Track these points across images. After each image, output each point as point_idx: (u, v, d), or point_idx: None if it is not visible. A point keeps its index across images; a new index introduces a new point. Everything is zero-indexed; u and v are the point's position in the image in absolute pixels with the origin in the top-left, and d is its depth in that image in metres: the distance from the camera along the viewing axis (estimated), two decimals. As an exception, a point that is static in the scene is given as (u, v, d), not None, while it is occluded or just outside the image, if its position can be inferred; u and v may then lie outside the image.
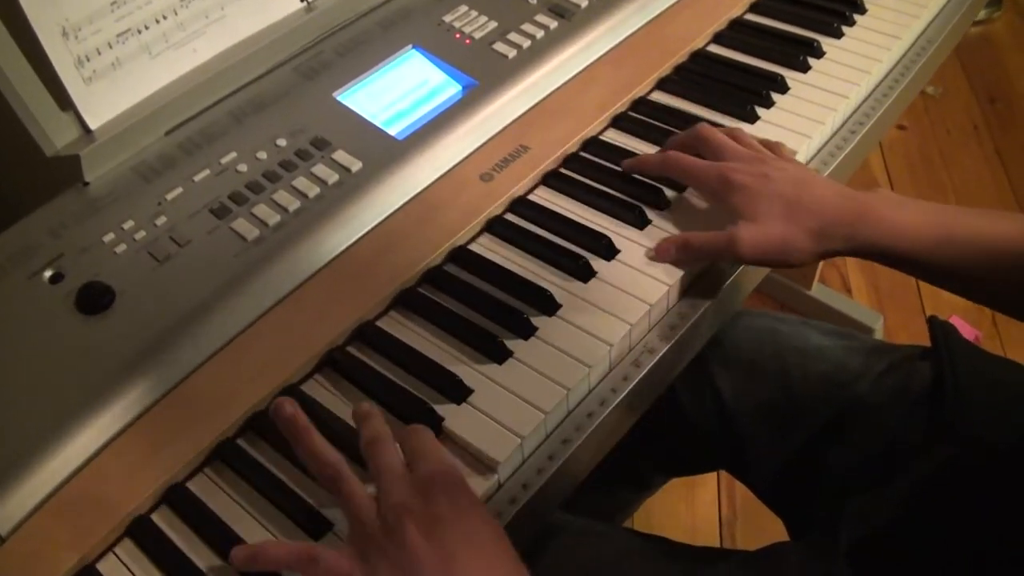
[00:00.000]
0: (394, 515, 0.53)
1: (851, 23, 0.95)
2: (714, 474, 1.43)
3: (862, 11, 0.96)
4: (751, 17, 0.98)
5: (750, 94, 0.87)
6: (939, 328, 0.79)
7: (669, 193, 0.78)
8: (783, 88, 0.88)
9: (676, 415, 0.89)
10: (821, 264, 1.63)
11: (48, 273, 0.70)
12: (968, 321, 1.69)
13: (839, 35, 0.93)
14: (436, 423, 0.63)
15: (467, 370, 0.67)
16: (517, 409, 0.64)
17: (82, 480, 0.62)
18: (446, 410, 0.64)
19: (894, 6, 0.97)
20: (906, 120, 2.09)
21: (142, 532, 0.61)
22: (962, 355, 0.77)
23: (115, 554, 0.60)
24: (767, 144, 0.76)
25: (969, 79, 2.19)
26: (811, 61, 0.90)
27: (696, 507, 1.49)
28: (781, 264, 0.71)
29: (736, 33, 0.96)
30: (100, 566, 0.60)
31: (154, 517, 0.62)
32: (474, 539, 0.53)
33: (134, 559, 0.60)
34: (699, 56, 0.93)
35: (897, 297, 1.75)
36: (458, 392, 0.65)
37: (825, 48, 0.92)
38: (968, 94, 2.16)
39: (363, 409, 0.61)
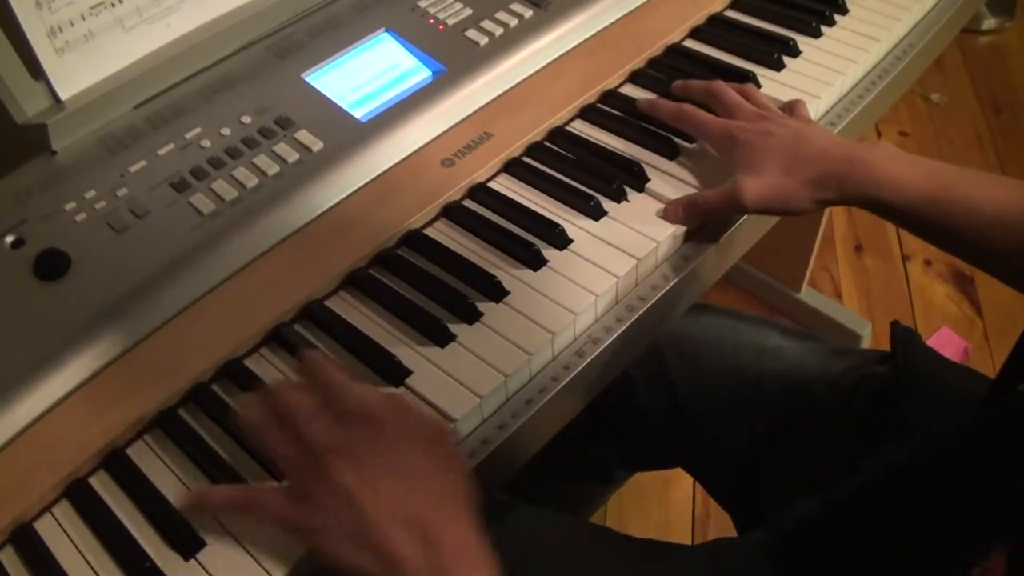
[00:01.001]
0: (316, 452, 0.54)
1: (831, 23, 0.95)
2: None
3: (843, 11, 0.96)
4: (731, 13, 0.98)
5: (720, 91, 0.87)
6: (900, 332, 0.80)
7: (628, 188, 0.79)
8: (755, 85, 0.88)
9: (633, 408, 0.90)
10: (811, 267, 1.63)
11: (10, 239, 0.72)
12: (959, 333, 1.68)
13: (817, 35, 0.93)
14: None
15: (409, 352, 0.68)
16: (454, 392, 0.65)
17: (23, 441, 0.63)
18: (384, 391, 0.65)
19: (877, 8, 0.97)
20: (909, 126, 2.08)
21: (80, 494, 0.62)
22: (919, 359, 0.77)
23: (52, 514, 0.62)
24: (787, 103, 0.79)
25: (976, 88, 2.18)
26: (786, 60, 0.90)
27: (670, 505, 1.50)
28: (782, 212, 0.74)
29: (713, 28, 0.96)
30: (37, 525, 0.61)
31: (92, 480, 0.63)
32: (399, 464, 0.54)
33: (70, 521, 0.61)
34: (673, 51, 0.93)
35: (888, 304, 1.74)
36: (397, 373, 0.66)
37: (802, 47, 0.92)
38: (974, 103, 2.14)
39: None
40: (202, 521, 0.59)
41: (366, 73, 0.86)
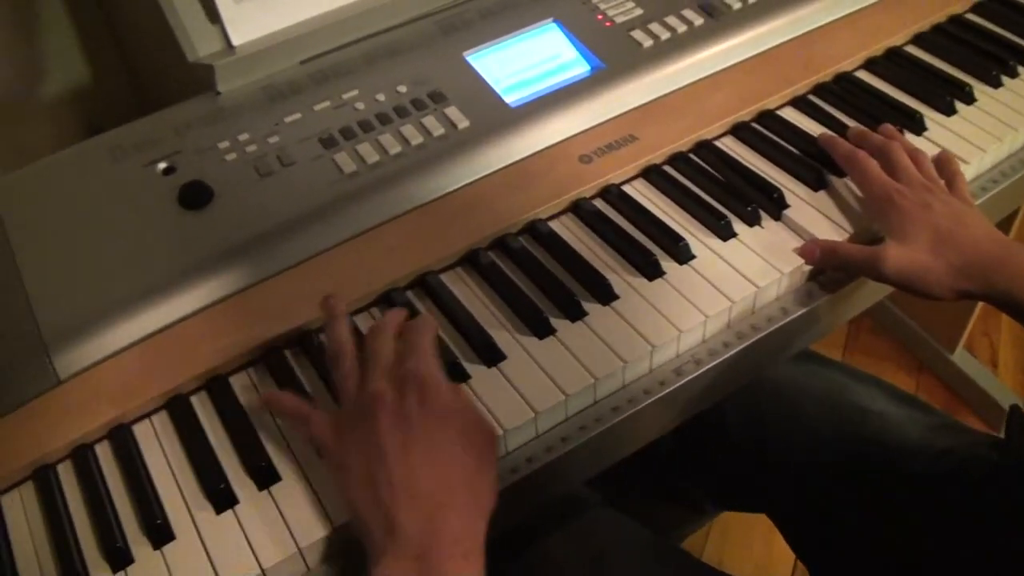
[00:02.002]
0: (369, 399, 0.57)
1: (1014, 74, 0.89)
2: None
3: (1032, 65, 0.90)
4: (910, 49, 0.93)
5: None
6: (1018, 419, 0.74)
7: (764, 214, 0.76)
8: (920, 128, 0.84)
9: (722, 444, 0.88)
10: (970, 329, 1.53)
11: (162, 165, 0.77)
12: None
13: (997, 84, 0.88)
14: (463, 378, 0.66)
15: (507, 337, 0.68)
16: (542, 385, 0.65)
17: (142, 349, 0.68)
18: (475, 370, 0.66)
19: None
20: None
21: (179, 409, 0.66)
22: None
23: (151, 422, 0.66)
24: (947, 170, 0.76)
25: None
26: (959, 105, 0.86)
27: (774, 546, 1.45)
28: (919, 292, 0.70)
29: (890, 62, 0.92)
30: (136, 428, 0.66)
31: (192, 399, 0.67)
32: (435, 443, 0.56)
33: (165, 431, 0.66)
34: (844, 79, 0.90)
35: (1046, 384, 1.63)
36: (492, 355, 0.67)
37: (978, 95, 0.87)
38: None
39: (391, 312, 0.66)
40: (282, 459, 0.62)
41: (526, 60, 0.87)
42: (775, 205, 0.77)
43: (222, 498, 0.61)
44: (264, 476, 0.62)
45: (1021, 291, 0.66)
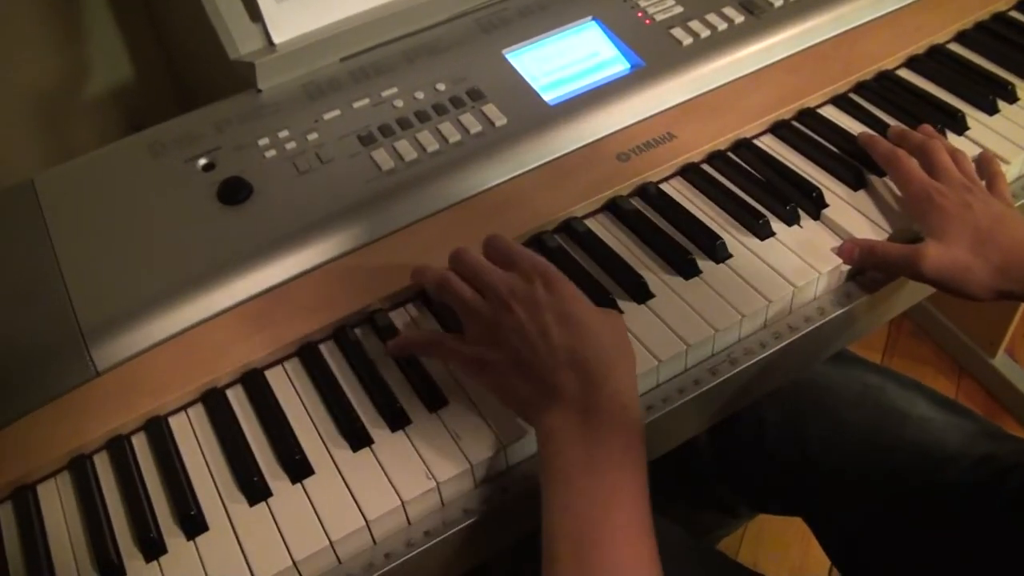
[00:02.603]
0: (501, 299, 0.61)
1: (1063, 75, 0.87)
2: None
3: (1081, 66, 0.88)
4: (954, 47, 0.92)
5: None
6: None
7: (803, 213, 0.76)
8: (962, 127, 0.82)
9: (760, 448, 0.87)
10: (1011, 332, 1.51)
11: (202, 161, 0.78)
12: None
13: (1046, 84, 0.86)
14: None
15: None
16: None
17: (179, 343, 0.69)
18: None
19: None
20: None
21: (214, 402, 0.67)
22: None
23: (187, 414, 0.67)
24: (988, 171, 0.76)
25: None
26: (1001, 104, 0.84)
27: (810, 549, 1.43)
28: (958, 291, 0.70)
29: (932, 60, 0.90)
30: (171, 420, 0.67)
31: (228, 392, 0.68)
32: (571, 316, 0.60)
33: (200, 424, 0.66)
34: (885, 77, 0.88)
35: (1092, 390, 1.59)
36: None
37: (1020, 94, 0.85)
38: None
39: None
40: (316, 452, 0.63)
41: (565, 58, 0.87)
42: (814, 204, 0.76)
43: (256, 490, 0.61)
44: (298, 470, 0.62)
45: None
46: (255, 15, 0.82)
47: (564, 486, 0.55)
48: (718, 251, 0.73)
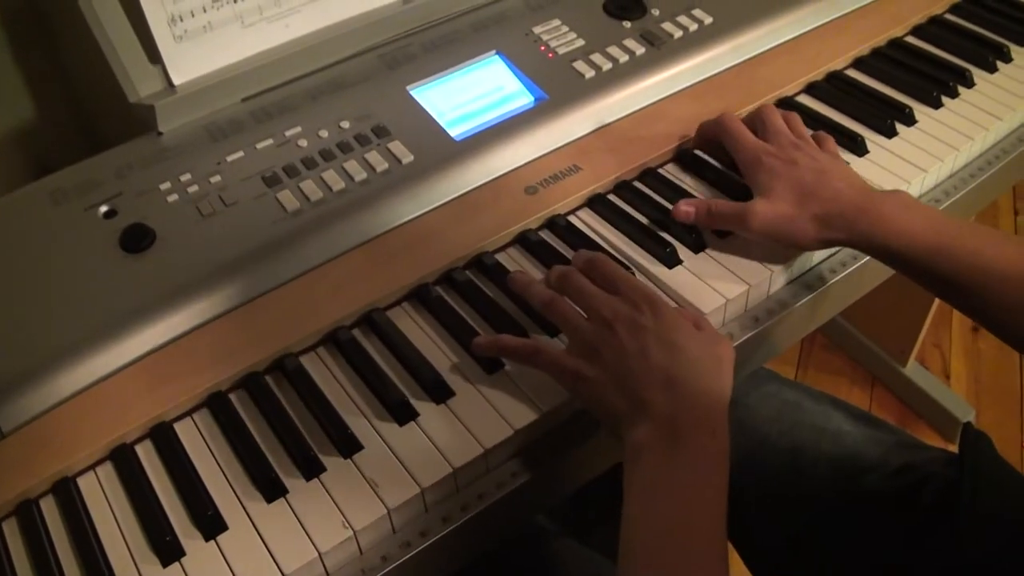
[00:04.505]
0: (607, 321, 0.63)
1: (954, 95, 0.91)
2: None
3: (969, 84, 0.92)
4: (851, 73, 0.95)
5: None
6: (971, 436, 0.75)
7: (709, 238, 0.77)
8: (862, 150, 0.85)
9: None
10: (921, 342, 1.56)
11: (104, 208, 0.76)
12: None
13: (937, 105, 0.90)
14: (412, 416, 0.65)
15: (456, 373, 0.68)
16: (491, 420, 0.65)
17: (85, 399, 0.66)
18: (424, 407, 0.66)
19: (1005, 85, 0.93)
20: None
21: (123, 459, 0.65)
22: (988, 470, 0.73)
23: (96, 473, 0.65)
24: (817, 136, 0.80)
25: None
26: (899, 127, 0.87)
27: (734, 568, 1.45)
28: (787, 242, 0.74)
29: (830, 86, 0.93)
30: (80, 480, 0.64)
31: (137, 448, 0.66)
32: (672, 342, 0.61)
33: (110, 483, 0.64)
34: (784, 103, 0.91)
35: (997, 394, 1.65)
36: (441, 393, 0.67)
37: (918, 116, 0.88)
38: None
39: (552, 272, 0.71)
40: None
41: (470, 92, 0.87)
42: (721, 232, 0.78)
43: (169, 550, 0.59)
44: (211, 526, 0.60)
45: (878, 237, 0.70)
46: (154, 57, 0.80)
47: (644, 503, 0.57)
48: (628, 282, 0.74)
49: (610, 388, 0.61)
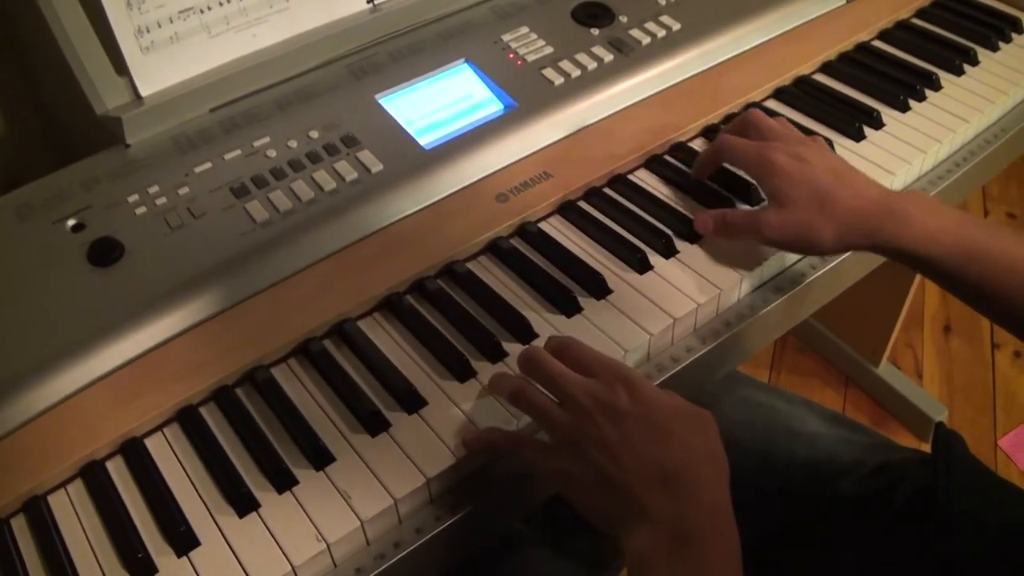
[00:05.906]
0: (584, 411, 0.58)
1: (921, 98, 0.92)
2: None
3: (936, 87, 0.93)
4: (819, 77, 0.96)
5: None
6: (944, 436, 0.75)
7: (679, 243, 0.78)
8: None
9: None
10: (893, 342, 1.57)
11: (72, 222, 0.75)
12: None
13: (905, 109, 0.91)
14: (384, 426, 0.65)
15: (428, 384, 0.68)
16: (466, 429, 0.65)
17: (54, 415, 0.66)
18: (396, 417, 0.66)
19: (973, 88, 0.94)
20: (1019, 208, 1.98)
21: (94, 476, 0.64)
22: (961, 470, 0.73)
23: (67, 491, 0.64)
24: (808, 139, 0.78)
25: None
26: (867, 131, 0.88)
27: None
28: (805, 251, 0.73)
29: (798, 91, 0.94)
30: (51, 498, 0.64)
31: (108, 464, 0.65)
32: (656, 426, 0.57)
33: (81, 500, 0.63)
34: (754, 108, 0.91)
35: (969, 392, 1.67)
36: (412, 402, 0.66)
37: (886, 120, 0.90)
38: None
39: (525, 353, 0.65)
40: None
41: (439, 101, 0.87)
42: (688, 236, 0.78)
43: (141, 568, 0.59)
44: (183, 542, 0.60)
45: (905, 241, 0.68)
46: (121, 68, 0.79)
47: None
48: (598, 287, 0.74)
49: (599, 489, 0.56)
